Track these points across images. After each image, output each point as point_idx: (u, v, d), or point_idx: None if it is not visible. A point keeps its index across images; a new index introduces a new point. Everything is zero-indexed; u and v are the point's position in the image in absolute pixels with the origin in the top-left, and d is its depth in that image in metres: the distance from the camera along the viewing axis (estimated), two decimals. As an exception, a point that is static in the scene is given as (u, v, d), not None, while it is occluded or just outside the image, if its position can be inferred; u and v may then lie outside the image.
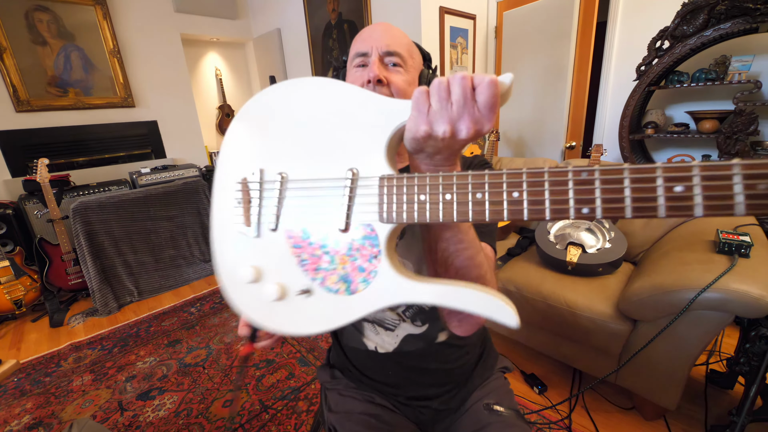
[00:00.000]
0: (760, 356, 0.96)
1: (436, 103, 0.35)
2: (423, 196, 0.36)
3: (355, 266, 0.41)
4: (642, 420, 1.21)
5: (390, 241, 0.40)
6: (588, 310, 1.21)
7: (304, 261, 0.44)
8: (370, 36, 0.58)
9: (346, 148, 0.42)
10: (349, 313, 0.41)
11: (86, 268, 2.14)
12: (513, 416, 0.61)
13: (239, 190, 0.48)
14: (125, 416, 1.38)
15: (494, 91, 0.32)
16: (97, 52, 2.73)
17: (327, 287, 0.42)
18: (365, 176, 0.40)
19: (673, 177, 0.26)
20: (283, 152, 0.46)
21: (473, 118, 0.34)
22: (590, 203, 0.29)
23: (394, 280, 0.39)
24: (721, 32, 1.48)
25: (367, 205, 0.40)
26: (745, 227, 1.20)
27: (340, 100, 0.42)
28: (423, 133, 0.36)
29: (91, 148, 2.83)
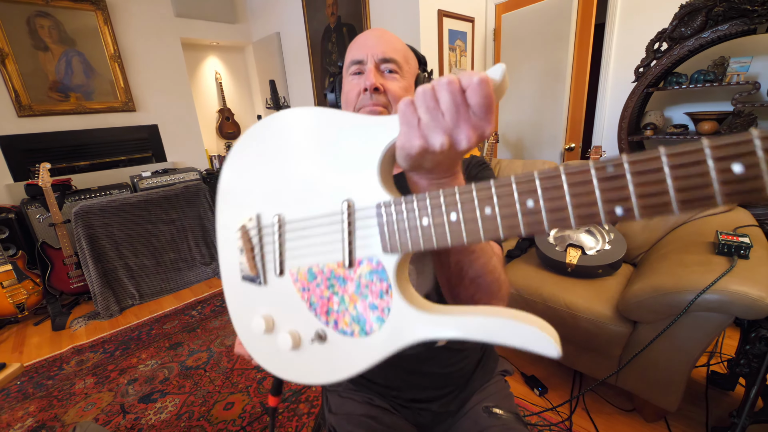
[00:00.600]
0: (760, 358, 0.96)
1: (425, 115, 0.31)
2: (426, 220, 0.33)
3: (366, 304, 0.38)
4: (643, 422, 1.22)
5: (400, 272, 0.36)
6: (588, 311, 1.22)
7: (314, 304, 0.41)
8: (365, 43, 0.58)
9: (339, 179, 0.39)
10: (368, 357, 0.38)
11: (88, 271, 2.15)
12: (512, 419, 0.61)
13: (239, 239, 0.47)
14: (127, 419, 1.39)
15: (486, 91, 0.29)
16: (98, 57, 2.75)
17: (341, 330, 0.40)
18: (361, 207, 0.37)
19: (727, 156, 0.21)
20: (276, 193, 0.44)
21: (470, 124, 0.30)
22: (624, 201, 0.24)
23: (411, 315, 0.35)
24: (719, 34, 1.48)
25: (369, 238, 0.37)
26: (745, 228, 1.20)
27: (325, 130, 0.40)
28: (418, 148, 0.32)
29: (92, 152, 2.85)
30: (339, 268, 0.39)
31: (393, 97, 0.56)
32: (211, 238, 2.68)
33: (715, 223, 1.28)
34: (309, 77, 3.15)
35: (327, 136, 0.40)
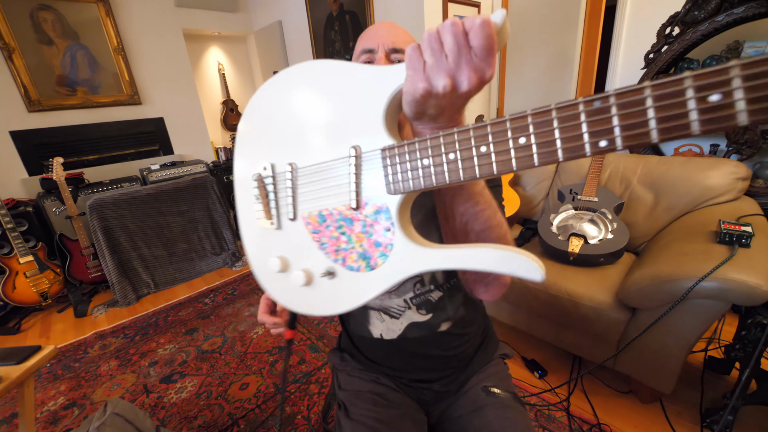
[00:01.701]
0: (755, 342, 0.99)
1: (429, 57, 0.32)
2: (426, 160, 0.35)
3: (371, 242, 0.41)
4: (639, 403, 1.26)
5: (402, 212, 0.40)
6: (589, 299, 1.25)
7: (324, 244, 0.45)
8: (376, 34, 0.60)
9: (347, 126, 0.41)
10: (372, 288, 0.42)
11: (105, 262, 2.24)
12: (509, 398, 0.66)
13: (255, 187, 0.50)
14: (150, 398, 1.48)
15: (489, 32, 0.29)
16: (102, 50, 2.76)
17: (348, 266, 0.43)
18: (367, 151, 0.40)
19: (706, 85, 0.22)
20: (289, 143, 0.47)
21: (472, 65, 0.31)
22: (608, 134, 0.26)
23: (412, 250, 0.38)
24: (734, 17, 1.44)
25: (374, 180, 0.40)
26: (749, 218, 1.21)
27: (332, 80, 0.42)
28: (422, 91, 0.34)
29: (101, 146, 2.90)
30: (347, 210, 0.42)
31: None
32: (220, 229, 2.75)
33: (719, 212, 1.29)
34: (313, 65, 3.13)
35: (335, 85, 0.42)
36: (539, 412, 1.26)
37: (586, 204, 1.54)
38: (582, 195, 1.59)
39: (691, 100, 0.23)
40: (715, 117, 0.22)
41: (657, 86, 0.24)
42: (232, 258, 2.74)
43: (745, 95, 0.22)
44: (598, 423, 1.19)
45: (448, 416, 0.70)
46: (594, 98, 0.26)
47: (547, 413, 1.25)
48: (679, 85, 0.23)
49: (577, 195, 1.61)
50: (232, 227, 2.78)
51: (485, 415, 0.64)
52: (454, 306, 0.67)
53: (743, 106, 0.22)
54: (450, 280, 0.65)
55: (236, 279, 2.50)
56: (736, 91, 0.22)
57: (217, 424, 1.33)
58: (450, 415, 0.69)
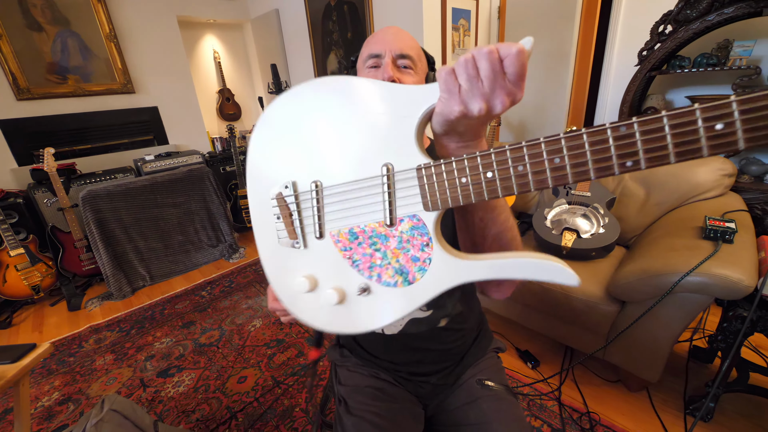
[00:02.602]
0: (735, 334, 1.04)
1: (465, 82, 0.34)
2: (464, 179, 0.37)
3: (409, 257, 0.42)
4: (626, 391, 1.31)
5: (437, 226, 0.41)
6: (580, 292, 1.29)
7: (357, 261, 0.45)
8: (383, 39, 0.61)
9: (375, 144, 0.42)
10: (411, 302, 0.43)
11: (99, 254, 2.22)
12: (503, 390, 0.69)
13: (276, 206, 0.49)
14: (148, 392, 1.49)
15: (523, 60, 0.31)
16: (94, 37, 2.70)
17: (385, 282, 0.44)
18: (401, 169, 0.40)
19: (712, 116, 0.26)
20: (311, 160, 0.46)
21: (506, 90, 0.33)
22: (633, 156, 0.29)
23: (450, 262, 0.40)
24: (724, 16, 1.47)
25: (408, 197, 0.40)
26: (734, 213, 1.26)
27: (359, 98, 0.42)
28: (458, 114, 0.35)
29: (93, 136, 2.85)
30: (380, 227, 0.43)
31: None
32: (217, 221, 2.74)
33: (705, 208, 1.33)
34: (310, 57, 3.10)
35: (363, 103, 0.42)
36: (532, 401, 1.30)
37: (580, 199, 1.57)
38: (576, 190, 1.62)
39: (701, 128, 0.27)
40: (720, 143, 0.27)
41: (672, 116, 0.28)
42: (229, 250, 2.74)
43: (742, 126, 0.26)
44: (588, 411, 1.24)
45: (444, 408, 0.72)
46: (620, 124, 0.30)
47: (540, 403, 1.29)
48: (692, 116, 0.27)
49: (571, 190, 1.64)
50: (228, 219, 2.77)
51: (480, 406, 0.67)
52: (453, 302, 0.70)
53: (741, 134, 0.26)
54: None
55: (233, 271, 2.50)
56: (737, 122, 0.26)
57: (215, 417, 1.35)
58: (446, 407, 0.72)
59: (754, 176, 1.65)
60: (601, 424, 1.19)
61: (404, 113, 0.40)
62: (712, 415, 1.17)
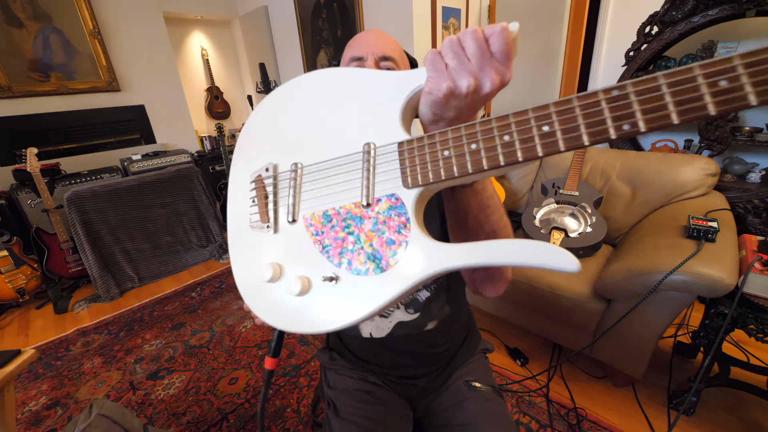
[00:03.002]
0: (717, 330, 1.06)
1: (452, 60, 0.34)
2: (447, 152, 0.35)
3: (383, 240, 0.38)
4: (612, 387, 1.34)
5: (418, 206, 0.38)
6: (568, 291, 1.31)
7: (327, 246, 0.42)
8: (365, 42, 0.61)
9: (360, 126, 0.41)
10: (382, 294, 0.37)
11: (85, 256, 2.18)
12: (490, 392, 0.70)
13: (253, 189, 0.48)
14: (137, 395, 1.48)
15: (508, 38, 0.32)
16: (77, 33, 2.63)
17: (355, 269, 0.39)
18: (382, 145, 0.39)
19: (714, 72, 0.25)
20: (295, 144, 0.45)
21: (494, 68, 0.33)
22: (630, 117, 0.27)
23: (428, 246, 0.36)
24: (708, 18, 1.50)
25: (388, 173, 0.38)
26: (716, 213, 1.28)
27: (345, 84, 0.42)
28: (446, 90, 0.35)
29: (78, 135, 2.79)
30: (356, 208, 0.40)
31: None
32: (206, 221, 2.71)
33: (690, 207, 1.36)
34: (299, 55, 3.07)
35: (349, 88, 0.42)
36: (520, 398, 1.32)
37: (568, 198, 1.59)
38: (564, 189, 1.64)
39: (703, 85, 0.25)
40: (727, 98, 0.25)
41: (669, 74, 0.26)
42: (219, 250, 2.72)
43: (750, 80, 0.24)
44: (575, 407, 1.26)
45: (432, 410, 0.73)
46: (613, 87, 0.28)
47: (528, 399, 1.32)
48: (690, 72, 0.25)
49: (559, 189, 1.66)
50: (218, 219, 2.74)
51: (467, 408, 0.68)
52: (440, 305, 0.70)
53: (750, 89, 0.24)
54: (437, 281, 0.68)
55: (223, 272, 2.48)
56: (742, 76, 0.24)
57: (206, 419, 1.34)
58: (434, 409, 0.73)
59: (737, 175, 1.68)
60: (587, 419, 1.22)
61: (389, 96, 0.39)
62: (694, 409, 1.21)
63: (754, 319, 1.00)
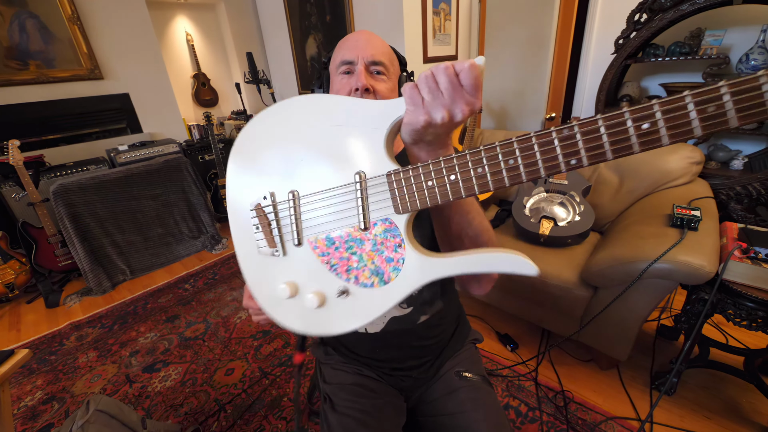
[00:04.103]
0: (697, 315, 1.11)
1: (428, 95, 0.38)
2: (430, 182, 0.41)
3: (383, 258, 0.45)
4: (598, 370, 1.40)
5: (408, 228, 0.44)
6: (556, 278, 1.34)
7: (335, 266, 0.47)
8: (355, 45, 0.61)
9: (347, 155, 0.45)
10: (387, 301, 0.45)
11: (75, 249, 2.15)
12: (480, 381, 0.73)
13: (254, 217, 0.51)
14: (134, 388, 1.49)
15: (476, 73, 0.36)
16: (55, 18, 2.52)
17: (362, 283, 0.46)
18: (372, 176, 0.44)
19: (639, 117, 0.30)
20: (288, 173, 0.49)
21: (464, 100, 0.37)
22: (576, 155, 0.33)
23: (422, 261, 0.43)
24: (696, 6, 1.50)
25: (380, 202, 0.44)
26: (700, 201, 1.32)
27: (330, 114, 0.45)
28: (423, 123, 0.39)
29: (61, 125, 2.70)
30: (355, 232, 0.46)
31: (381, 97, 0.60)
32: (197, 211, 2.68)
33: (674, 195, 1.39)
34: (288, 40, 2.99)
35: (336, 118, 0.45)
36: (510, 382, 1.37)
37: (557, 187, 1.61)
38: (553, 178, 1.66)
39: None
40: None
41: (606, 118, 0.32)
42: (212, 241, 2.70)
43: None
44: (562, 390, 1.31)
45: (424, 400, 0.76)
46: (563, 127, 0.34)
47: (518, 383, 1.36)
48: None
49: (549, 178, 1.68)
50: (209, 209, 2.72)
51: (458, 397, 0.70)
52: (432, 300, 0.72)
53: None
54: None
55: (216, 263, 2.48)
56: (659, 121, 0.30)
57: (203, 410, 1.36)
58: (426, 398, 0.76)
59: (721, 162, 1.72)
60: (574, 401, 1.27)
61: (374, 125, 0.43)
62: (675, 389, 1.26)
63: (732, 305, 1.04)
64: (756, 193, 1.53)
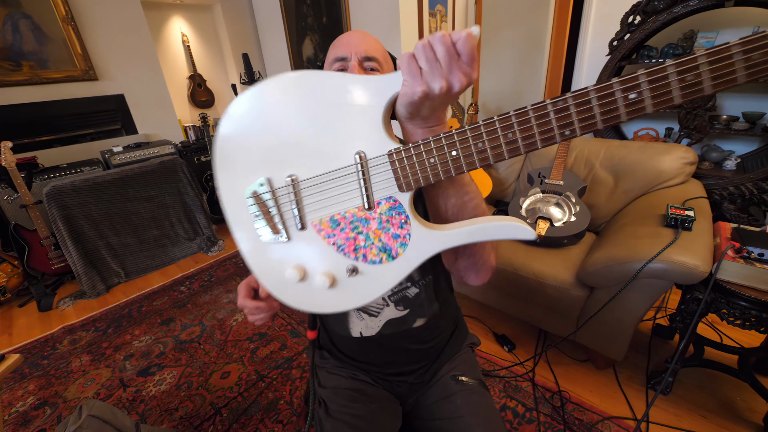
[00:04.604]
0: (692, 315, 1.11)
1: (425, 64, 0.37)
2: (432, 159, 0.41)
3: (390, 235, 0.45)
4: (594, 370, 1.40)
5: (412, 204, 0.45)
6: (552, 279, 1.34)
7: (341, 246, 0.48)
8: (348, 42, 0.61)
9: (346, 134, 0.44)
10: (397, 274, 0.46)
11: (68, 252, 2.13)
12: (476, 385, 0.72)
13: (253, 204, 0.49)
14: (128, 392, 1.48)
15: (473, 43, 0.36)
16: (49, 19, 2.50)
17: (370, 261, 0.47)
18: (373, 156, 0.43)
19: (627, 87, 0.32)
20: (284, 157, 0.47)
21: (461, 69, 0.37)
22: (570, 126, 0.34)
23: (428, 234, 0.44)
24: (689, 9, 1.51)
25: (383, 181, 0.44)
26: (694, 201, 1.33)
27: (325, 90, 0.43)
28: (420, 94, 0.38)
29: (55, 127, 2.68)
30: (360, 212, 0.46)
31: None
32: (193, 213, 2.67)
33: (669, 195, 1.40)
34: (284, 42, 2.99)
35: (329, 96, 0.43)
36: (507, 383, 1.37)
37: (553, 187, 1.62)
38: (549, 179, 1.67)
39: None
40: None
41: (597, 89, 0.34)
42: (208, 243, 2.69)
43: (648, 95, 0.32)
44: (559, 390, 1.31)
45: (420, 404, 0.75)
46: (558, 99, 0.35)
47: (515, 384, 1.36)
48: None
49: (545, 178, 1.69)
50: (206, 211, 2.70)
51: (454, 401, 0.70)
52: (429, 302, 0.71)
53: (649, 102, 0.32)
54: (425, 277, 0.69)
55: (212, 265, 2.46)
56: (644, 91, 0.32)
57: (199, 414, 1.35)
58: (422, 403, 0.75)
59: (714, 163, 1.74)
60: (571, 401, 1.27)
61: (371, 102, 0.42)
62: (671, 388, 1.27)
63: (726, 304, 1.04)
64: (749, 193, 1.54)
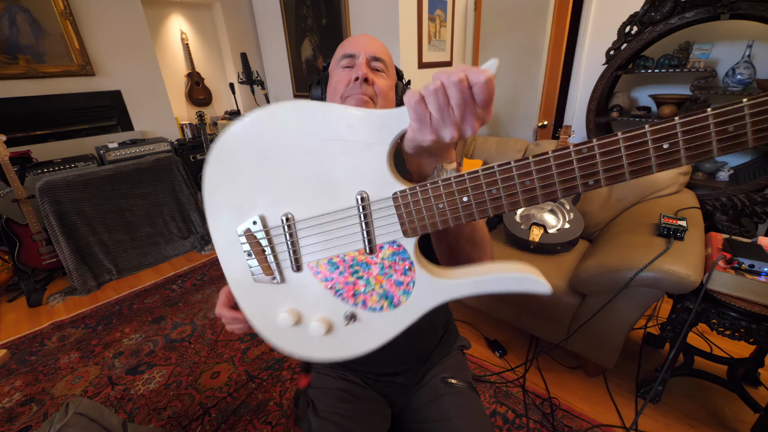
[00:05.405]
0: (682, 324, 1.12)
1: (436, 112, 0.34)
2: (441, 204, 0.37)
3: (392, 282, 0.42)
4: (585, 377, 1.40)
5: (417, 250, 0.41)
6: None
7: (340, 291, 0.44)
8: (357, 42, 0.62)
9: (348, 173, 0.40)
10: (397, 324, 0.43)
11: (60, 248, 2.11)
12: (465, 388, 0.72)
13: (245, 243, 0.46)
14: (116, 390, 1.46)
15: (491, 88, 0.32)
16: (46, 13, 2.48)
17: (370, 308, 0.43)
18: (377, 198, 0.40)
19: (660, 137, 0.29)
20: (278, 192, 0.43)
21: (476, 116, 0.34)
22: (594, 176, 0.31)
23: (433, 283, 0.40)
24: (685, 20, 1.53)
25: (387, 225, 0.40)
26: (686, 211, 1.34)
27: (326, 123, 0.39)
28: (430, 142, 0.36)
29: (50, 121, 2.66)
30: (360, 255, 0.42)
31: (380, 91, 0.60)
32: (187, 211, 2.65)
33: (662, 205, 1.41)
34: (283, 42, 2.99)
35: (331, 130, 0.39)
36: (498, 389, 1.37)
37: (548, 195, 1.63)
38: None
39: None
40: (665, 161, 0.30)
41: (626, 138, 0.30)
42: (201, 241, 2.67)
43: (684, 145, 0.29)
44: (549, 397, 1.32)
45: (410, 407, 0.75)
46: (582, 146, 0.32)
47: (505, 390, 1.36)
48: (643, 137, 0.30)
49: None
50: (200, 209, 2.69)
51: (443, 404, 0.70)
52: None
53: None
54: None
55: (205, 263, 2.45)
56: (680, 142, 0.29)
57: (187, 414, 1.34)
58: (411, 405, 0.75)
59: (707, 173, 1.75)
60: (561, 408, 1.27)
61: (375, 140, 0.38)
62: (660, 397, 1.27)
63: (716, 314, 1.05)
64: (741, 205, 1.56)
